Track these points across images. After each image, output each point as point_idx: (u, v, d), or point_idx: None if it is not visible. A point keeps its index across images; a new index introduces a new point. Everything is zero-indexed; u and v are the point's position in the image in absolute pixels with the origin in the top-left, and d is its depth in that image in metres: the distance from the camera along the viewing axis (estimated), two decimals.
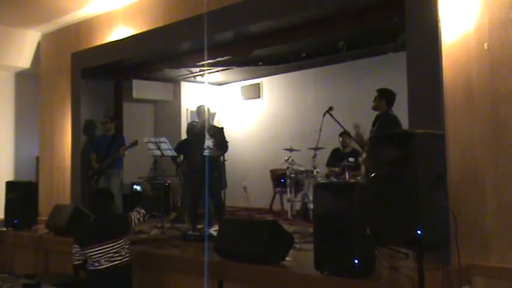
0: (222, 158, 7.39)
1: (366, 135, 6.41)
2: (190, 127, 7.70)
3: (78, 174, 8.84)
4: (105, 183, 8.22)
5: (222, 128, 7.47)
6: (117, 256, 4.84)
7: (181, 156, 8.44)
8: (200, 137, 7.05)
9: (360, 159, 7.14)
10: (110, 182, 8.17)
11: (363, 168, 6.90)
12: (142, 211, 5.19)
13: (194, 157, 7.20)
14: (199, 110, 7.40)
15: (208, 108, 7.40)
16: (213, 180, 6.97)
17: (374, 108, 6.22)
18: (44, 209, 8.34)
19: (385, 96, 6.17)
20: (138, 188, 7.24)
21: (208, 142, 6.96)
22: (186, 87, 11.15)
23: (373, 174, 3.97)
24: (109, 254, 4.81)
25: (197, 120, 7.55)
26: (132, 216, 5.07)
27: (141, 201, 5.52)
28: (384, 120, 6.05)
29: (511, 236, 4.30)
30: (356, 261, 4.01)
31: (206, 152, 6.93)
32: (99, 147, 8.48)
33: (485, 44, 4.46)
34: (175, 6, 7.47)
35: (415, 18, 4.92)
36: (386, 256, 4.49)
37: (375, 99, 6.23)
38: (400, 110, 5.78)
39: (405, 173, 3.74)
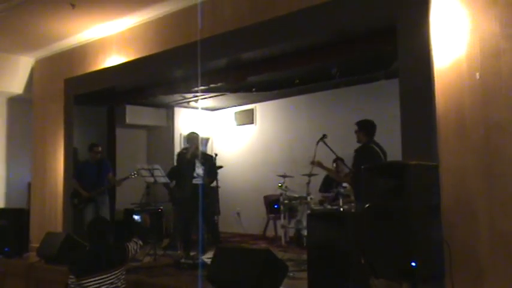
0: (215, 184, 7.39)
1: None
2: (181, 154, 7.70)
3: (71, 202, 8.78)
4: (92, 210, 8.14)
5: (212, 156, 7.50)
6: (113, 287, 4.76)
7: (174, 182, 8.42)
8: (190, 164, 7.05)
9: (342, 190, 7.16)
10: (100, 210, 8.10)
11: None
12: (140, 242, 5.13)
13: (185, 184, 7.20)
14: (190, 137, 7.41)
15: (198, 136, 7.40)
16: (205, 206, 6.96)
17: (358, 141, 6.29)
18: (36, 236, 8.26)
19: (364, 128, 6.24)
20: (137, 217, 7.17)
21: (199, 170, 6.98)
22: (179, 113, 11.17)
23: (367, 205, 3.97)
24: (105, 284, 4.71)
25: (188, 146, 7.54)
26: (130, 246, 5.00)
27: (138, 231, 5.46)
28: (360, 154, 6.12)
29: (505, 266, 4.27)
30: None
31: (196, 180, 6.94)
32: (83, 175, 8.39)
33: (477, 74, 4.49)
34: (168, 34, 7.51)
35: (407, 47, 4.96)
36: (380, 285, 4.45)
37: (356, 134, 6.30)
38: (393, 137, 5.79)
39: (399, 204, 3.74)
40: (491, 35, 4.45)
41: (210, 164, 7.27)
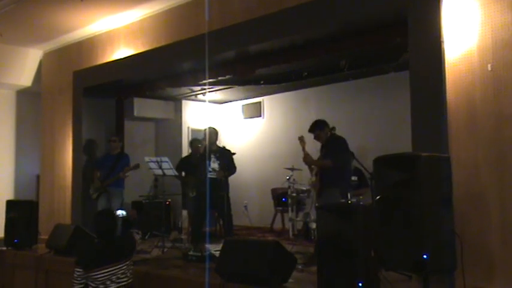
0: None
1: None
2: (194, 147, 7.64)
3: (79, 193, 8.81)
4: (105, 201, 8.17)
5: (230, 151, 7.43)
6: (123, 277, 4.77)
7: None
8: (203, 159, 7.03)
9: (309, 180, 7.07)
10: (111, 201, 8.12)
11: (312, 192, 6.88)
12: (139, 233, 5.15)
13: (198, 177, 7.17)
14: (207, 132, 7.32)
15: (216, 131, 7.34)
16: (220, 200, 6.94)
17: (324, 141, 6.44)
18: (45, 228, 8.29)
19: (324, 125, 6.45)
20: (123, 212, 7.11)
21: (214, 165, 6.95)
22: (187, 106, 11.15)
23: (378, 197, 3.94)
24: (117, 275, 4.73)
25: (202, 139, 7.49)
26: (136, 237, 5.05)
27: (136, 224, 5.44)
28: (335, 142, 6.33)
29: None
30: (360, 284, 3.97)
31: (211, 174, 6.91)
32: (103, 166, 8.45)
33: (489, 65, 4.45)
34: (176, 26, 7.50)
35: (418, 38, 4.92)
36: (389, 277, 4.43)
37: (318, 136, 6.47)
38: (402, 130, 5.76)
39: (410, 196, 3.71)
40: (503, 26, 4.41)
41: (228, 158, 7.22)
